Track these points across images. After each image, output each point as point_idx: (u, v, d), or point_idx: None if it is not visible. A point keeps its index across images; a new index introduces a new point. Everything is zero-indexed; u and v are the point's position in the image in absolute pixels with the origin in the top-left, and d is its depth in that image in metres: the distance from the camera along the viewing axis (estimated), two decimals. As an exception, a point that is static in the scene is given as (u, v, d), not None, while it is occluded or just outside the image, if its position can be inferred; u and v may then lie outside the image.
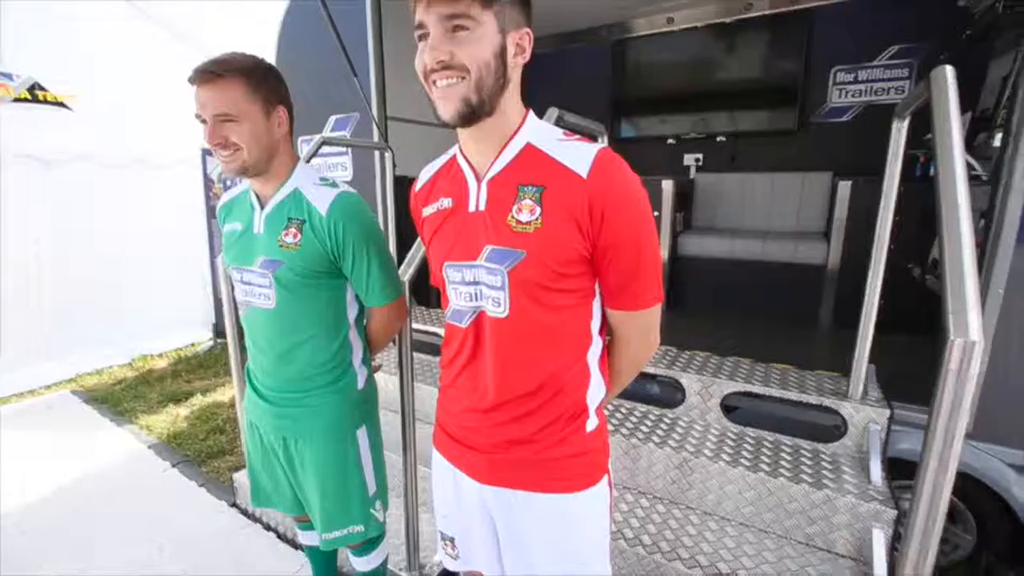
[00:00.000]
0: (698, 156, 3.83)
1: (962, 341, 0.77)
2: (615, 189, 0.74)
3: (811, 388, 1.86)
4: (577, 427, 0.87)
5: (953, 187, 0.92)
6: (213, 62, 1.04)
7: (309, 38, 3.08)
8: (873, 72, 3.19)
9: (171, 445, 2.82)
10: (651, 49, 3.95)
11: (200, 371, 3.94)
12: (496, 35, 0.73)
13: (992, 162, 1.63)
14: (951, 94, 1.10)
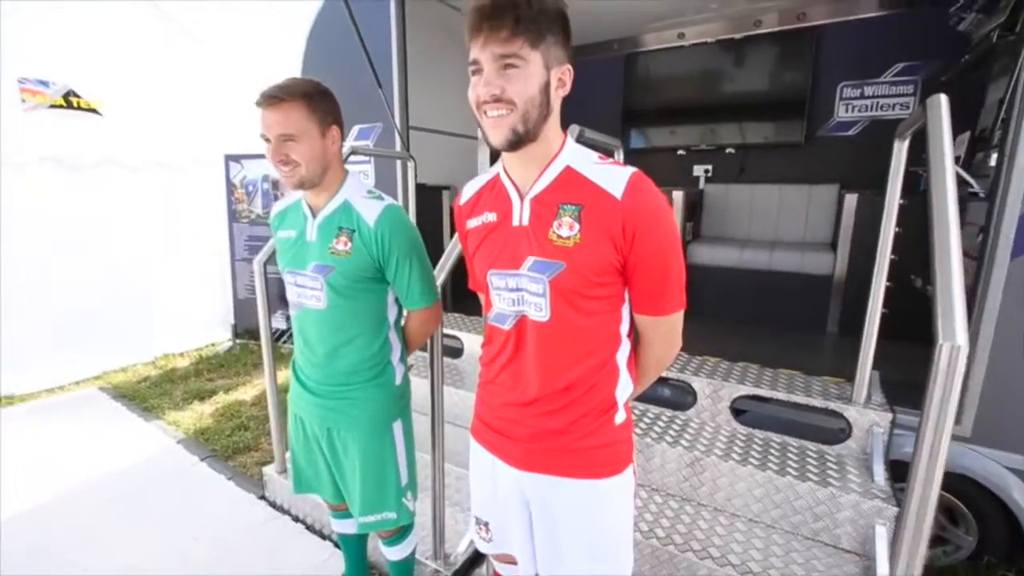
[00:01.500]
0: (707, 167, 3.94)
1: (949, 345, 0.87)
2: (646, 209, 0.85)
3: (817, 392, 1.96)
4: (607, 420, 0.98)
5: (944, 203, 1.02)
6: (278, 87, 1.16)
7: (334, 50, 3.23)
8: (879, 88, 3.29)
9: (199, 440, 2.94)
10: (662, 62, 4.07)
11: (221, 370, 4.06)
12: (542, 72, 0.85)
13: (989, 180, 1.73)
14: (944, 120, 1.22)
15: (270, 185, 4.41)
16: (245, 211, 4.51)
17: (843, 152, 3.45)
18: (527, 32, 0.81)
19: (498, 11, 0.80)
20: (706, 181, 3.93)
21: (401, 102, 2.98)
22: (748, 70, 3.78)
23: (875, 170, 2.52)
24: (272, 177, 4.40)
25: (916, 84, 3.16)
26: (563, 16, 0.85)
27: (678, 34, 3.89)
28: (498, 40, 0.81)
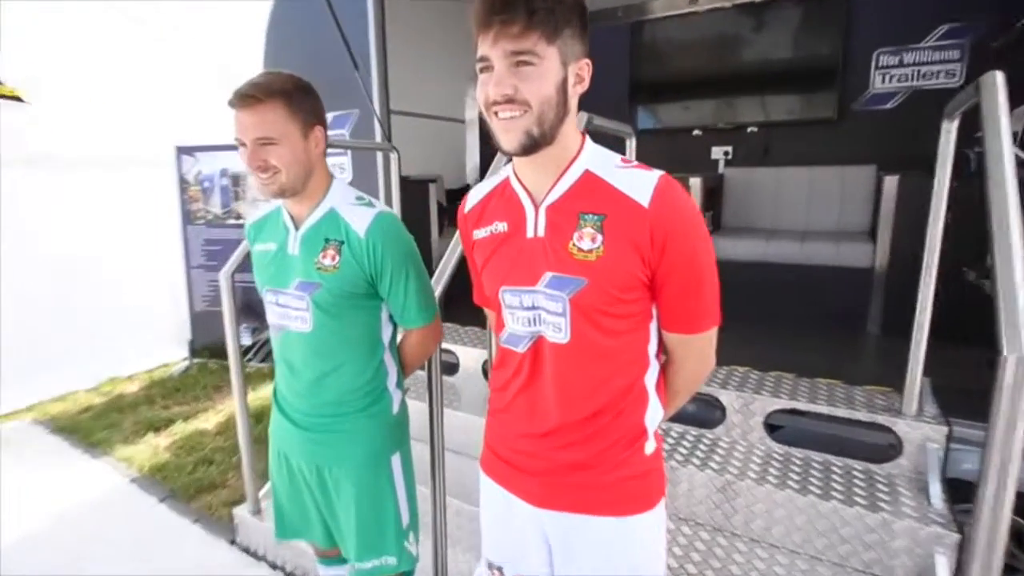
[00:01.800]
0: (727, 149, 3.99)
1: (1015, 357, 0.90)
2: (676, 218, 0.87)
3: (861, 404, 2.00)
4: (636, 449, 1.00)
5: (1004, 200, 1.06)
6: (254, 86, 1.17)
7: (301, 27, 3.23)
8: (920, 55, 3.35)
9: (156, 479, 2.94)
10: (673, 31, 4.12)
11: (177, 395, 4.05)
12: (559, 68, 0.87)
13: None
14: (1001, 101, 1.25)
15: (229, 180, 4.40)
16: (201, 211, 4.50)
17: (880, 128, 3.51)
18: (542, 25, 0.82)
19: (510, 3, 0.81)
20: (726, 165, 3.99)
21: (380, 85, 2.99)
22: (770, 37, 3.83)
23: (917, 148, 2.58)
24: (232, 171, 4.39)
25: (963, 49, 3.21)
26: (581, 5, 0.87)
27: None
28: (510, 35, 0.83)
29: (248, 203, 4.40)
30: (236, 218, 4.48)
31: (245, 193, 4.40)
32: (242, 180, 4.40)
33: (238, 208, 4.46)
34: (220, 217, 4.50)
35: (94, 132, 4.34)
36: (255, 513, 2.33)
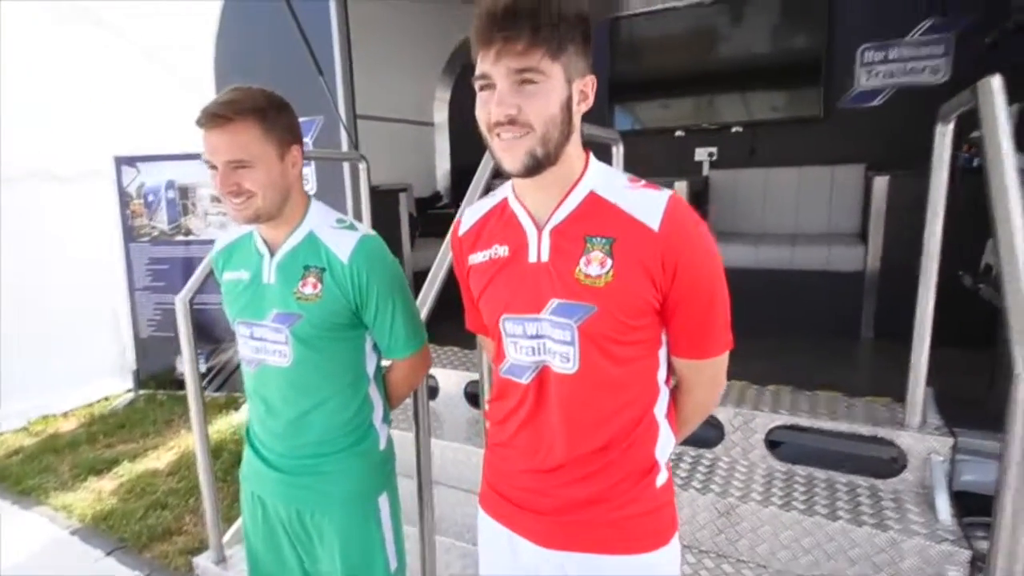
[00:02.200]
0: (711, 150, 4.10)
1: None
2: (688, 242, 0.90)
3: (862, 417, 2.07)
4: (648, 483, 1.02)
5: (1007, 213, 1.12)
6: (223, 104, 1.16)
7: (255, 29, 3.21)
8: (905, 50, 3.50)
9: (101, 528, 2.84)
10: (652, 27, 4.22)
11: (121, 432, 3.93)
12: (563, 86, 0.89)
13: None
14: (1000, 109, 1.33)
15: (177, 193, 4.31)
16: (145, 227, 4.39)
17: (868, 126, 3.65)
18: (547, 42, 0.84)
19: (514, 18, 0.83)
20: (711, 167, 4.09)
21: (346, 90, 2.99)
22: (752, 33, 3.96)
23: (905, 146, 2.70)
24: (179, 183, 4.30)
25: (948, 43, 3.36)
26: (585, 20, 0.90)
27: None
28: (514, 52, 0.84)
29: (199, 217, 4.32)
30: (185, 234, 4.39)
31: (195, 207, 4.31)
32: (191, 192, 4.31)
33: (187, 223, 4.36)
34: (167, 234, 4.40)
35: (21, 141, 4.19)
36: (219, 562, 2.27)
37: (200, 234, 4.37)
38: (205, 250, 4.36)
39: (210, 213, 4.35)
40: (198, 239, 4.41)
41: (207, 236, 4.33)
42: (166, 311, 4.53)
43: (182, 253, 4.45)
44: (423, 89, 4.74)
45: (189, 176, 4.31)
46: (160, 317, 4.51)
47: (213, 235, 4.30)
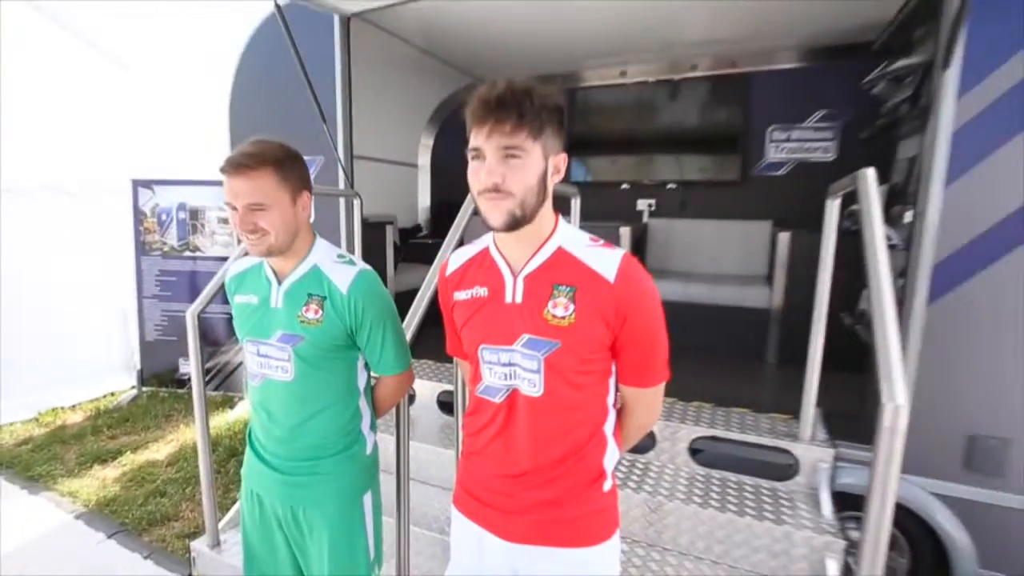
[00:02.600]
0: (651, 202, 4.23)
1: (892, 405, 1.04)
2: (636, 293, 0.95)
3: (766, 431, 2.16)
4: (597, 488, 1.05)
5: (877, 272, 1.22)
6: (245, 155, 1.16)
7: (269, 79, 3.18)
8: (803, 133, 3.73)
9: (104, 513, 2.69)
10: (605, 97, 4.36)
11: (125, 425, 3.73)
12: (541, 161, 0.94)
13: (905, 231, 2.03)
14: (873, 191, 1.44)
15: (187, 214, 4.18)
16: (157, 242, 4.23)
17: (775, 190, 3.85)
18: (530, 126, 0.90)
19: (504, 105, 0.88)
20: (650, 216, 4.22)
21: (345, 135, 2.98)
22: (686, 108, 4.14)
23: (804, 208, 2.86)
24: (190, 205, 4.18)
25: (836, 130, 3.61)
26: (560, 109, 0.95)
27: (620, 72, 4.19)
28: (502, 132, 0.89)
29: (206, 236, 4.19)
30: (193, 251, 4.25)
31: (203, 227, 4.18)
32: (200, 214, 4.19)
33: (195, 241, 4.23)
34: (176, 249, 4.25)
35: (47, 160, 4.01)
36: (214, 546, 2.18)
37: (206, 251, 4.24)
38: (210, 265, 4.29)
39: (217, 233, 4.23)
40: (204, 256, 4.28)
41: (213, 253, 4.21)
42: (171, 318, 4.36)
43: (189, 267, 4.31)
44: (410, 136, 4.75)
45: (200, 199, 4.20)
46: (166, 323, 4.33)
47: (219, 252, 4.19)
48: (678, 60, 3.96)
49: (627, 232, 3.46)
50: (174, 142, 4.35)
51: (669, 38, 3.55)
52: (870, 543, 1.09)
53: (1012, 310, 1.87)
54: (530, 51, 3.81)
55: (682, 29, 3.37)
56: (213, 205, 4.13)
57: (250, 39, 3.22)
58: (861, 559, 1.10)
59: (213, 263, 4.28)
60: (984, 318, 1.92)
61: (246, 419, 3.80)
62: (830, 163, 3.63)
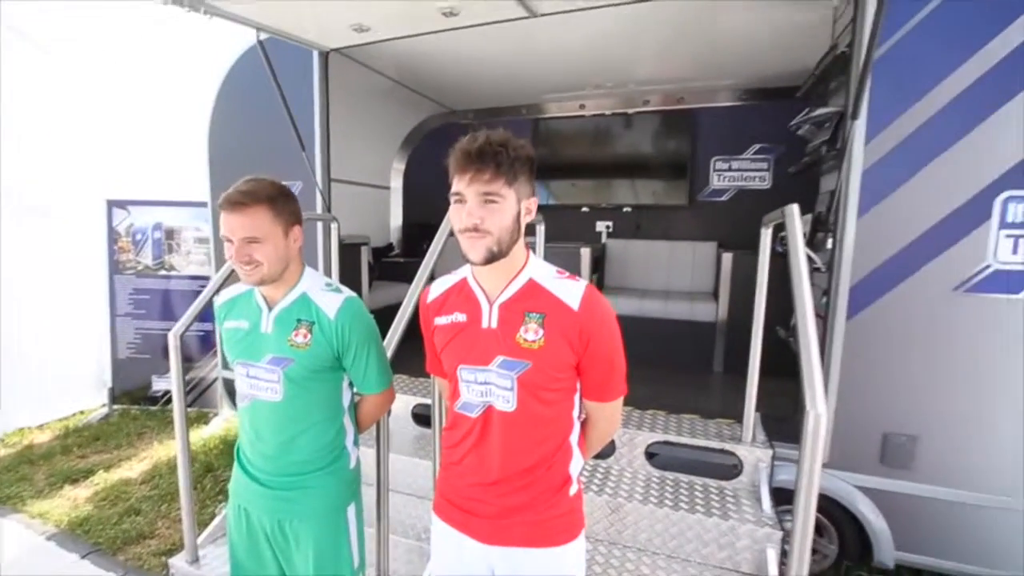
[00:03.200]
0: (608, 224, 4.40)
1: (814, 413, 1.16)
2: (598, 320, 1.05)
3: (714, 435, 2.29)
4: (564, 493, 1.13)
5: (803, 305, 1.35)
6: (243, 193, 1.20)
7: (249, 105, 3.18)
8: (742, 163, 3.97)
9: (76, 534, 2.58)
10: (566, 127, 4.52)
11: (96, 444, 3.58)
12: (515, 204, 1.03)
13: (827, 256, 2.22)
14: (797, 223, 1.59)
15: (163, 234, 4.08)
16: (131, 261, 4.10)
17: (718, 215, 4.07)
18: (506, 174, 0.99)
19: (484, 157, 0.97)
20: (608, 236, 4.38)
21: (323, 161, 3.01)
22: (640, 137, 4.34)
23: (744, 230, 3.05)
24: (166, 225, 4.08)
25: (770, 162, 3.87)
26: (531, 159, 1.05)
27: (579, 105, 4.37)
28: (482, 180, 0.98)
29: (182, 256, 4.09)
30: (168, 270, 4.14)
31: (179, 247, 4.09)
32: (176, 234, 4.09)
33: (170, 260, 4.12)
34: (150, 268, 4.14)
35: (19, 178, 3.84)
36: (192, 562, 2.13)
37: (182, 270, 4.14)
38: (185, 284, 4.20)
39: (193, 252, 4.14)
40: (179, 275, 4.17)
41: (189, 272, 4.11)
42: (145, 335, 4.22)
43: (163, 286, 4.20)
44: (383, 160, 4.79)
45: (176, 220, 4.10)
46: (139, 341, 4.19)
47: (195, 271, 4.10)
48: (632, 96, 4.16)
49: (587, 253, 3.61)
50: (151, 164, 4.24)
51: (623, 77, 3.74)
52: (799, 529, 1.20)
53: (918, 323, 2.07)
54: (496, 84, 3.94)
55: (634, 69, 3.57)
56: (190, 225, 4.06)
57: (230, 68, 3.21)
58: (792, 544, 1.22)
59: (188, 281, 4.18)
60: (895, 330, 2.11)
61: (221, 435, 3.71)
62: (766, 191, 3.89)
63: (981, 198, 1.91)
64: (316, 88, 2.97)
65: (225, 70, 3.21)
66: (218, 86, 3.25)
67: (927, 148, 1.95)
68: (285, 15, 2.44)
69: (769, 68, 3.35)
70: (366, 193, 4.56)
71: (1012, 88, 1.87)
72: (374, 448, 1.70)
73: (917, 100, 1.95)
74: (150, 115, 4.37)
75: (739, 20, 2.61)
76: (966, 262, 1.95)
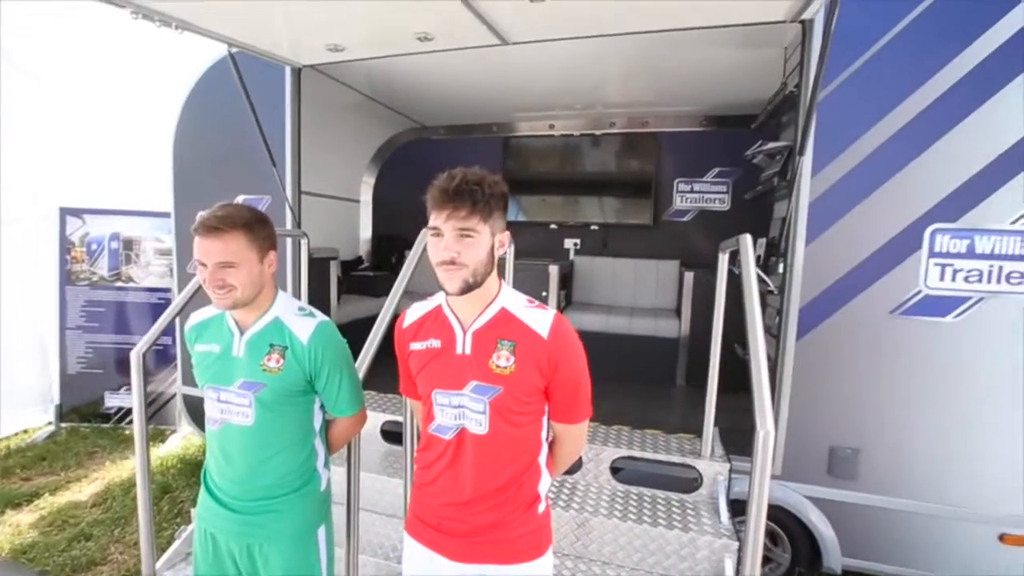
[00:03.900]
0: (576, 241, 4.51)
1: (763, 431, 1.26)
2: (565, 346, 1.11)
3: (675, 450, 2.39)
4: (532, 511, 1.19)
5: (755, 331, 1.45)
6: (218, 218, 1.22)
7: (216, 118, 3.14)
8: (703, 186, 4.17)
9: (20, 561, 2.44)
10: (536, 145, 4.63)
11: (41, 465, 3.40)
12: (489, 239, 1.08)
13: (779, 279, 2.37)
14: (749, 251, 1.71)
15: (120, 244, 3.94)
16: (85, 272, 3.94)
17: (681, 234, 4.24)
18: (481, 211, 1.05)
19: (460, 194, 1.03)
20: (575, 253, 4.50)
21: (294, 175, 3.00)
22: (607, 158, 4.49)
23: (705, 250, 3.21)
24: (124, 235, 3.94)
25: (728, 185, 4.08)
26: (505, 196, 1.11)
27: (549, 125, 4.49)
28: (459, 217, 1.03)
29: (141, 267, 3.96)
30: (125, 281, 4.00)
31: (138, 257, 3.96)
32: (136, 244, 3.96)
33: (128, 271, 3.99)
34: (106, 279, 3.98)
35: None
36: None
37: (140, 282, 4.01)
38: (143, 296, 4.06)
39: (152, 264, 4.01)
40: (137, 286, 4.04)
41: (148, 284, 3.98)
42: (97, 349, 4.06)
43: (119, 298, 4.05)
44: (353, 173, 4.79)
45: (136, 230, 3.98)
46: (91, 355, 4.02)
47: (155, 283, 3.97)
48: (599, 118, 4.31)
49: (555, 270, 3.70)
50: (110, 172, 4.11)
51: (591, 100, 3.88)
52: (751, 537, 1.29)
53: (860, 343, 2.23)
54: (468, 102, 4.01)
55: (602, 94, 3.71)
56: (150, 236, 3.94)
57: (198, 79, 3.17)
58: (744, 552, 1.30)
59: (146, 294, 4.05)
60: (840, 349, 2.27)
61: (179, 454, 3.59)
62: (725, 212, 4.09)
63: (913, 229, 2.09)
64: (288, 102, 2.97)
65: (193, 80, 3.17)
66: (185, 96, 3.19)
67: (866, 183, 2.13)
68: (259, 33, 2.44)
69: (728, 98, 3.56)
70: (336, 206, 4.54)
71: (940, 129, 2.06)
72: (343, 467, 1.70)
73: (857, 138, 2.13)
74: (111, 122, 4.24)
75: (699, 55, 2.77)
76: (900, 288, 2.12)
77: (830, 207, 2.19)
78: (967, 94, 2.02)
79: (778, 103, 2.65)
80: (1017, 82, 1.97)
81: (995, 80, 1.99)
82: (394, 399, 2.80)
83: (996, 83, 1.99)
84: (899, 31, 2.07)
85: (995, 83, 1.99)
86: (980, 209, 2.03)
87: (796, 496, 2.36)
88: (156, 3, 2.01)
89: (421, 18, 2.22)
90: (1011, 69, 1.97)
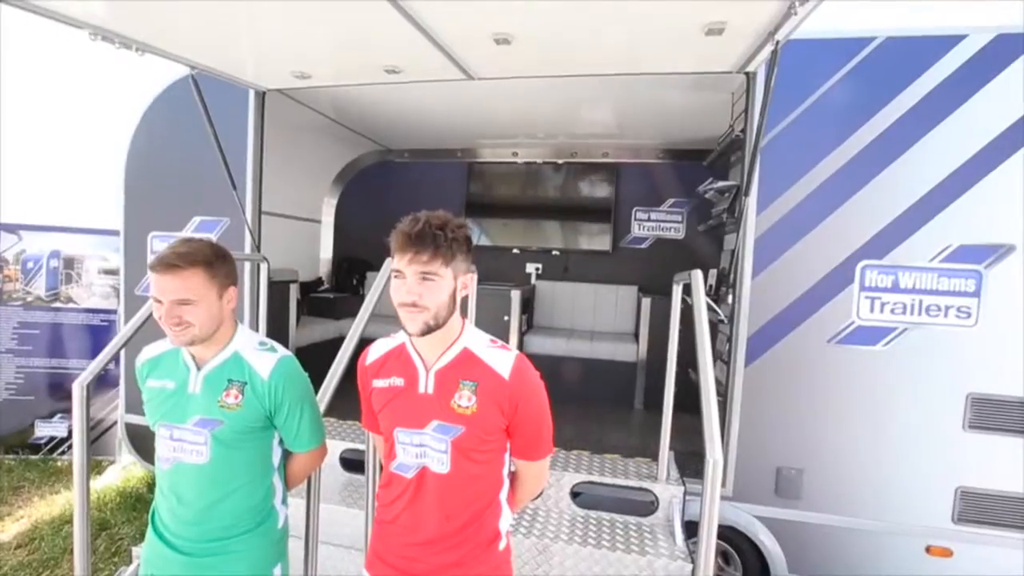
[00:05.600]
0: (538, 265, 4.60)
1: (712, 459, 1.33)
2: (526, 388, 1.14)
3: (632, 474, 2.45)
4: (493, 549, 1.20)
5: (705, 364, 1.54)
6: (178, 255, 1.19)
7: (172, 137, 3.06)
8: (659, 215, 4.35)
9: (-69, 613, 2.23)
10: (499, 171, 4.72)
11: (-41, 503, 3.12)
12: (451, 282, 1.11)
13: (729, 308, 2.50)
14: (700, 285, 1.81)
15: (61, 263, 3.72)
16: (19, 291, 3.69)
17: (639, 261, 4.40)
18: (443, 255, 1.07)
19: (423, 239, 1.05)
20: (537, 278, 4.57)
21: (255, 198, 2.94)
22: (568, 185, 4.62)
23: (662, 276, 3.32)
24: (65, 254, 3.73)
25: (683, 215, 4.27)
26: (468, 240, 1.14)
27: (512, 152, 4.59)
28: (421, 261, 1.06)
29: (83, 287, 3.75)
30: (64, 301, 3.77)
31: (80, 277, 3.75)
32: (77, 263, 3.75)
33: (68, 292, 3.76)
34: (42, 300, 3.75)
35: None
36: (83, 637, 1.93)
37: (82, 303, 3.79)
38: (83, 318, 3.84)
39: (95, 284, 3.81)
40: (77, 307, 3.81)
41: (90, 305, 3.77)
42: (29, 375, 3.79)
43: (56, 320, 3.81)
44: (316, 194, 4.73)
45: (78, 248, 3.77)
46: (21, 380, 3.75)
47: (97, 304, 3.76)
48: (561, 147, 4.45)
49: (517, 295, 3.75)
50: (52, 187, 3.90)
51: (553, 130, 4.02)
52: (702, 559, 1.35)
53: (802, 369, 2.38)
54: (433, 128, 4.07)
55: (563, 125, 3.84)
56: (94, 254, 3.74)
57: (155, 98, 3.07)
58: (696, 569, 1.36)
59: (87, 315, 3.83)
60: (784, 375, 2.41)
61: (118, 487, 3.37)
62: (680, 240, 4.27)
63: (846, 265, 2.27)
64: (251, 124, 2.92)
65: (150, 98, 3.08)
66: (140, 114, 3.09)
67: (805, 221, 2.30)
68: (224, 57, 2.42)
69: (682, 134, 3.76)
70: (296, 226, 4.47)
71: (869, 174, 2.26)
72: (302, 499, 1.66)
73: (797, 180, 2.30)
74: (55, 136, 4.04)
75: (655, 95, 2.93)
76: (837, 318, 2.29)
77: (774, 243, 2.35)
78: (893, 141, 2.24)
79: (727, 144, 2.83)
80: (935, 132, 2.19)
81: (917, 129, 2.21)
82: (354, 427, 2.75)
83: (918, 131, 2.21)
84: (834, 83, 2.27)
85: (917, 131, 2.22)
86: (904, 247, 2.23)
87: (747, 516, 2.46)
88: (117, 24, 1.96)
89: (391, 53, 2.27)
90: (931, 119, 2.20)
